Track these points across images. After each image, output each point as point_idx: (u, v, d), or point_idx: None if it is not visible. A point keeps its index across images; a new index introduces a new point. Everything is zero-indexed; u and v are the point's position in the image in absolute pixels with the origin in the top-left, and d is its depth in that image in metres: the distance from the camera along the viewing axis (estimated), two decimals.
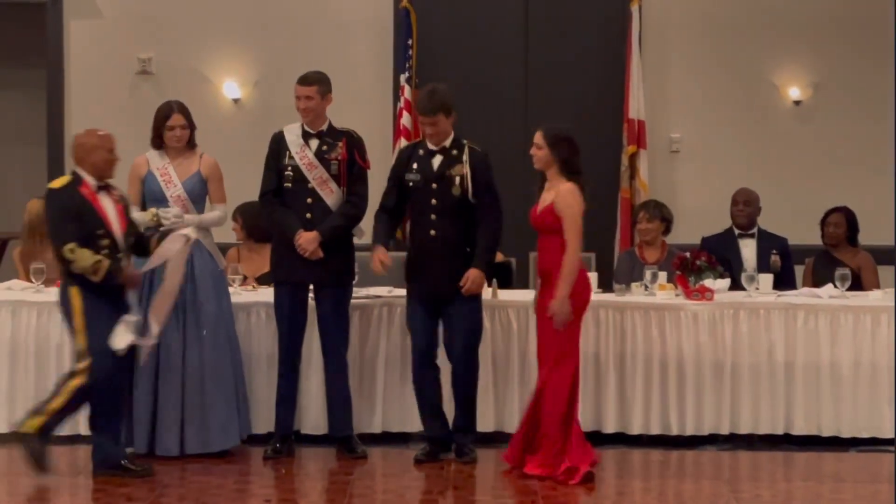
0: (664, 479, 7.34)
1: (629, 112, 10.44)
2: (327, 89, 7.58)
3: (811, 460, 7.77)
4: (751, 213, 9.33)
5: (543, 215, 7.18)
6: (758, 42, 10.69)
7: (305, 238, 7.42)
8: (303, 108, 7.54)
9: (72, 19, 10.76)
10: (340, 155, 7.56)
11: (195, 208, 7.61)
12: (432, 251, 7.37)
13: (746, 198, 9.36)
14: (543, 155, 7.21)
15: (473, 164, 7.39)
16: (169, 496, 6.86)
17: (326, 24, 10.71)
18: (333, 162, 7.54)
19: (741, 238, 9.31)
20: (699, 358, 7.95)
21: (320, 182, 7.51)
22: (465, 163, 7.38)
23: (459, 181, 7.36)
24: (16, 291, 8.27)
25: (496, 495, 6.97)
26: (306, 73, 7.60)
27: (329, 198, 7.53)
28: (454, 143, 7.45)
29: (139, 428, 7.46)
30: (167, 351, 7.42)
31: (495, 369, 7.90)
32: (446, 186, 7.37)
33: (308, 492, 7.17)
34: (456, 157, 7.41)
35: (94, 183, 7.05)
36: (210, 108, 10.47)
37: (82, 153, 7.12)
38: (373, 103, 10.66)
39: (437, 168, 7.40)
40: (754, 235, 9.33)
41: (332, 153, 7.55)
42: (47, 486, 7.13)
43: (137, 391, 7.43)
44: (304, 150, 7.54)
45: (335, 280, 7.56)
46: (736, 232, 9.34)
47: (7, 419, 7.90)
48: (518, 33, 10.75)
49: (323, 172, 7.51)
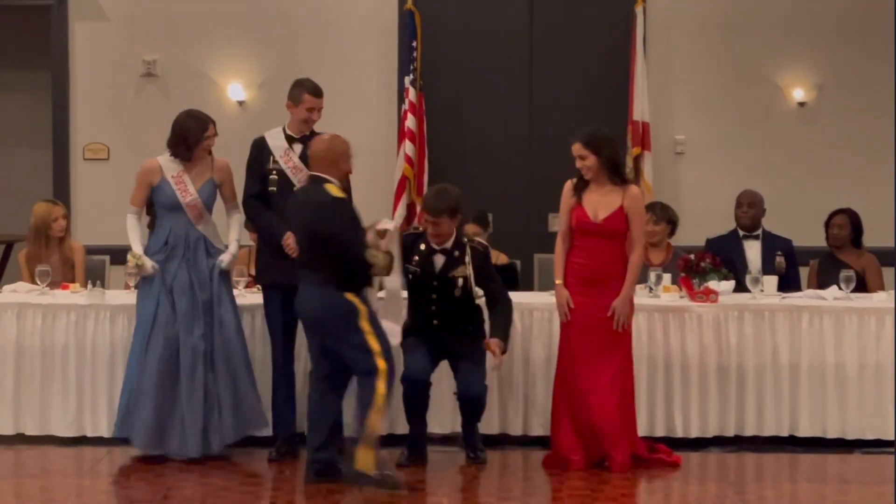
0: (669, 480, 7.34)
1: (633, 114, 10.43)
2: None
3: (816, 462, 7.77)
4: (755, 214, 9.34)
5: (613, 220, 7.23)
6: (762, 44, 10.68)
7: (293, 238, 7.44)
8: (314, 120, 7.60)
9: (77, 22, 10.77)
10: None
11: (209, 213, 7.65)
12: (434, 330, 7.46)
13: (750, 200, 9.36)
14: (591, 163, 7.23)
15: (476, 265, 7.46)
16: (173, 498, 6.87)
17: (331, 26, 10.72)
18: None
19: (745, 240, 9.32)
20: (704, 360, 7.96)
21: None
22: (467, 264, 7.44)
23: (462, 283, 7.43)
24: (21, 294, 8.28)
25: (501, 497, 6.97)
26: (317, 85, 7.62)
27: None
28: (456, 244, 7.49)
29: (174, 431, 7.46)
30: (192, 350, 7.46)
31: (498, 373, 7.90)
32: (449, 287, 7.43)
33: (313, 493, 7.16)
34: (458, 259, 7.46)
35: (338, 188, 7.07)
36: (215, 109, 10.37)
37: (334, 158, 7.03)
38: (377, 105, 10.67)
39: (440, 269, 7.45)
40: (759, 237, 9.33)
41: None
42: (54, 488, 7.15)
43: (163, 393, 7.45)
44: (288, 154, 7.57)
45: None
46: (740, 233, 9.34)
47: (13, 421, 7.92)
48: (523, 35, 10.75)
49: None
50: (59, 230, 8.95)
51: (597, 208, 7.26)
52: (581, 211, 7.29)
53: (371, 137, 10.33)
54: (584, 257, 7.31)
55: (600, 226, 7.25)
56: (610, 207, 7.25)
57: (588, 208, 7.28)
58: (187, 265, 7.51)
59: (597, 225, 7.26)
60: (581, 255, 7.33)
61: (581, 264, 7.33)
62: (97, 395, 7.90)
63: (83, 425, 7.93)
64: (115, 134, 10.73)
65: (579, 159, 7.25)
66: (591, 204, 7.28)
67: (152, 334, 7.42)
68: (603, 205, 7.26)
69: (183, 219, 7.56)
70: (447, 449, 7.44)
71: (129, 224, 7.60)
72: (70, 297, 8.17)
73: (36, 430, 7.94)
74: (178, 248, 7.53)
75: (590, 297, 7.26)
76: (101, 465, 7.53)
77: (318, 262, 6.91)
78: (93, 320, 7.95)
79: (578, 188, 7.33)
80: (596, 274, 7.28)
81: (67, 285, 8.45)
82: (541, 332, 7.85)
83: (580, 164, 7.26)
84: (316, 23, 10.72)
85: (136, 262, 7.47)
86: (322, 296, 6.90)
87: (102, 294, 8.11)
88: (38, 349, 7.95)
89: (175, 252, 7.52)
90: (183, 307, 7.46)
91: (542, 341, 7.84)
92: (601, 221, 7.25)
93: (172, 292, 7.47)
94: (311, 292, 6.94)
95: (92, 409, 7.92)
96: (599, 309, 7.25)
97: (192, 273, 7.51)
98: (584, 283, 7.30)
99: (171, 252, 7.52)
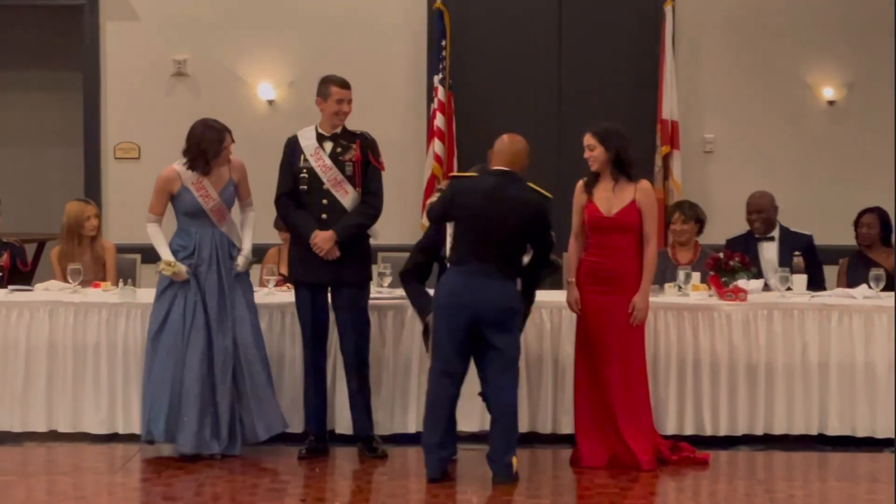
0: (698, 479, 7.34)
1: (662, 112, 10.44)
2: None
3: (845, 461, 7.76)
4: (765, 219, 9.28)
5: (625, 214, 7.26)
6: (791, 42, 10.67)
7: (321, 237, 7.47)
8: (346, 112, 7.61)
9: (108, 21, 10.84)
10: (355, 156, 7.60)
11: (229, 213, 7.69)
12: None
13: (758, 207, 9.30)
14: (599, 154, 7.29)
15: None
16: (204, 495, 6.91)
17: (360, 25, 10.75)
18: (348, 163, 7.59)
19: (760, 241, 9.28)
20: (733, 358, 7.96)
21: (335, 183, 7.56)
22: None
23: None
24: (53, 292, 8.34)
25: (530, 495, 6.98)
26: (344, 78, 7.65)
27: (344, 199, 7.57)
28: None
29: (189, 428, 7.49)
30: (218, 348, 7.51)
31: (528, 369, 7.91)
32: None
33: (342, 491, 7.20)
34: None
35: None
36: (245, 109, 10.53)
37: (525, 157, 7.22)
38: (406, 104, 10.71)
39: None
40: (774, 238, 9.30)
41: (346, 155, 7.60)
42: (86, 485, 7.20)
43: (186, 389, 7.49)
44: (318, 152, 7.60)
45: (352, 281, 7.61)
46: (755, 235, 9.32)
47: (45, 419, 7.98)
48: (552, 34, 10.76)
49: (337, 174, 7.56)
50: (91, 229, 9.01)
51: (609, 203, 7.31)
52: (593, 207, 7.33)
53: (400, 136, 10.36)
54: (598, 255, 7.35)
55: (613, 220, 7.28)
56: (622, 202, 7.28)
57: (600, 204, 7.32)
58: (217, 267, 7.55)
59: (609, 219, 7.29)
60: (594, 252, 7.36)
61: (594, 262, 7.36)
62: (129, 393, 7.95)
63: (115, 422, 7.98)
64: (145, 133, 10.78)
65: (587, 149, 7.33)
66: (603, 199, 7.32)
67: (191, 337, 7.46)
68: (615, 199, 7.30)
69: (207, 223, 7.60)
70: (476, 447, 7.45)
71: (151, 232, 7.62)
72: (101, 295, 8.23)
73: (68, 427, 8.00)
74: (205, 251, 7.57)
75: (603, 294, 7.30)
76: (132, 461, 7.57)
77: (505, 255, 7.05)
78: (124, 318, 8.00)
79: (589, 185, 7.38)
80: (609, 271, 7.30)
81: (99, 284, 8.51)
82: (570, 330, 7.85)
83: (588, 155, 7.34)
84: (345, 22, 10.75)
85: (173, 269, 7.49)
86: (506, 288, 7.05)
87: (133, 292, 8.16)
88: (70, 347, 8.00)
89: (202, 256, 7.56)
90: (215, 309, 7.50)
91: (570, 339, 7.83)
92: (614, 215, 7.28)
93: (205, 295, 7.51)
94: (494, 285, 7.01)
95: (124, 406, 7.97)
96: (612, 305, 7.28)
97: (221, 272, 7.55)
98: (597, 281, 7.33)
99: (199, 256, 7.56)
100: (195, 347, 7.45)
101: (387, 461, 7.57)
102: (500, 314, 7.03)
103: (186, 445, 7.43)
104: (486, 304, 6.99)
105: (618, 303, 7.29)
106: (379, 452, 7.63)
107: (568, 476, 7.36)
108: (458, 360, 7.08)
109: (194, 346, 7.45)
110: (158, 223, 7.65)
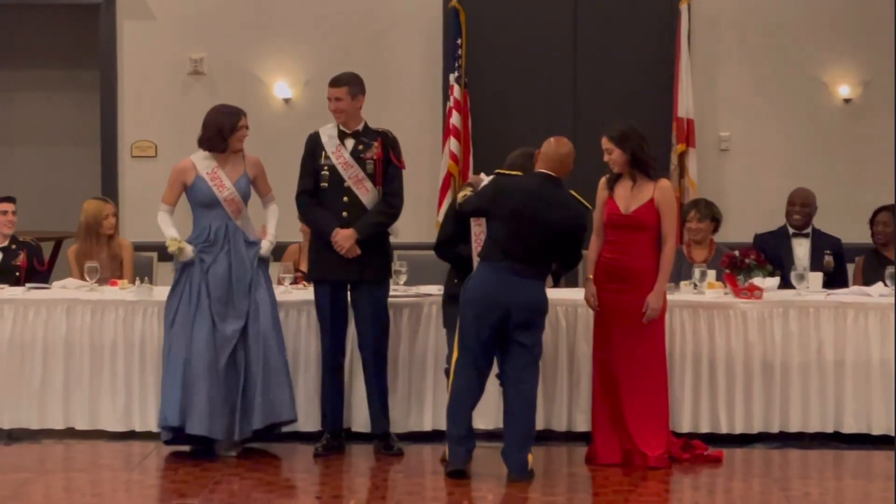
0: (713, 476, 7.34)
1: (678, 110, 10.43)
2: (358, 90, 7.64)
3: (861, 459, 7.75)
4: (808, 213, 9.32)
5: (643, 213, 7.28)
6: (808, 40, 10.65)
7: (342, 235, 7.49)
8: (333, 110, 7.62)
9: (125, 20, 10.85)
10: (376, 154, 7.62)
11: (245, 206, 7.69)
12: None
13: (804, 200, 9.33)
14: (617, 157, 7.33)
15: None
16: (220, 492, 6.93)
17: (376, 23, 10.76)
18: (369, 161, 7.60)
19: (795, 237, 9.29)
20: (748, 356, 7.96)
21: (356, 181, 7.58)
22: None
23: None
24: (70, 290, 8.37)
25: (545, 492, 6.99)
26: (338, 75, 7.68)
27: (365, 196, 7.59)
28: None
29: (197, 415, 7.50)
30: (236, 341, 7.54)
31: (543, 367, 7.87)
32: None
33: (358, 488, 7.21)
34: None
35: None
36: (261, 107, 10.54)
37: (569, 162, 7.28)
38: (422, 103, 10.71)
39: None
40: (808, 235, 9.31)
41: (367, 152, 7.61)
42: (102, 482, 7.23)
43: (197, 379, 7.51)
44: (339, 149, 7.61)
45: (372, 278, 7.63)
46: (790, 231, 9.31)
47: (63, 416, 8.01)
48: (567, 32, 10.76)
49: (358, 171, 7.58)
50: (108, 228, 9.04)
51: (628, 201, 7.34)
52: (612, 204, 7.36)
53: (416, 135, 10.36)
54: (614, 252, 7.36)
55: (630, 218, 7.30)
56: (640, 200, 7.31)
57: (619, 201, 7.35)
58: (227, 255, 7.56)
59: (626, 217, 7.31)
60: (611, 249, 7.38)
61: (611, 259, 7.38)
62: (146, 390, 7.98)
63: (132, 420, 8.01)
64: (162, 131, 10.80)
65: (606, 153, 7.38)
66: (623, 197, 7.35)
67: (195, 322, 7.49)
68: (634, 198, 7.33)
69: (222, 214, 7.61)
70: (491, 444, 7.46)
71: (161, 219, 7.66)
72: (118, 293, 8.26)
73: (85, 424, 8.03)
74: (219, 241, 7.58)
75: (619, 292, 7.31)
76: (149, 459, 7.60)
77: (539, 256, 7.12)
78: (141, 316, 8.03)
79: (611, 181, 7.42)
80: (626, 269, 7.32)
81: (116, 281, 8.53)
82: (585, 328, 7.86)
83: (607, 158, 7.38)
84: (361, 21, 10.76)
85: (179, 245, 7.53)
86: (537, 288, 7.13)
87: (150, 290, 8.19)
88: (88, 344, 8.03)
89: (215, 245, 7.58)
90: (219, 295, 7.52)
91: (586, 337, 7.84)
92: (631, 213, 7.31)
93: (209, 281, 7.53)
94: (527, 284, 7.08)
95: (140, 403, 7.99)
96: (628, 304, 7.30)
97: (232, 260, 7.56)
98: (613, 279, 7.35)
99: (212, 245, 7.57)
100: (200, 333, 7.47)
101: (403, 459, 7.59)
102: (530, 313, 7.10)
103: (194, 428, 7.45)
104: (517, 303, 7.05)
105: (633, 301, 7.31)
106: (395, 450, 7.65)
107: (583, 473, 7.38)
108: (483, 353, 7.13)
109: (199, 331, 7.47)
110: (170, 213, 7.68)
